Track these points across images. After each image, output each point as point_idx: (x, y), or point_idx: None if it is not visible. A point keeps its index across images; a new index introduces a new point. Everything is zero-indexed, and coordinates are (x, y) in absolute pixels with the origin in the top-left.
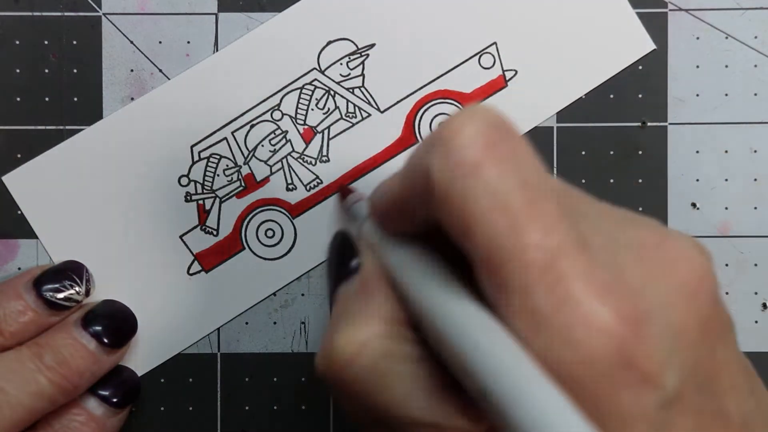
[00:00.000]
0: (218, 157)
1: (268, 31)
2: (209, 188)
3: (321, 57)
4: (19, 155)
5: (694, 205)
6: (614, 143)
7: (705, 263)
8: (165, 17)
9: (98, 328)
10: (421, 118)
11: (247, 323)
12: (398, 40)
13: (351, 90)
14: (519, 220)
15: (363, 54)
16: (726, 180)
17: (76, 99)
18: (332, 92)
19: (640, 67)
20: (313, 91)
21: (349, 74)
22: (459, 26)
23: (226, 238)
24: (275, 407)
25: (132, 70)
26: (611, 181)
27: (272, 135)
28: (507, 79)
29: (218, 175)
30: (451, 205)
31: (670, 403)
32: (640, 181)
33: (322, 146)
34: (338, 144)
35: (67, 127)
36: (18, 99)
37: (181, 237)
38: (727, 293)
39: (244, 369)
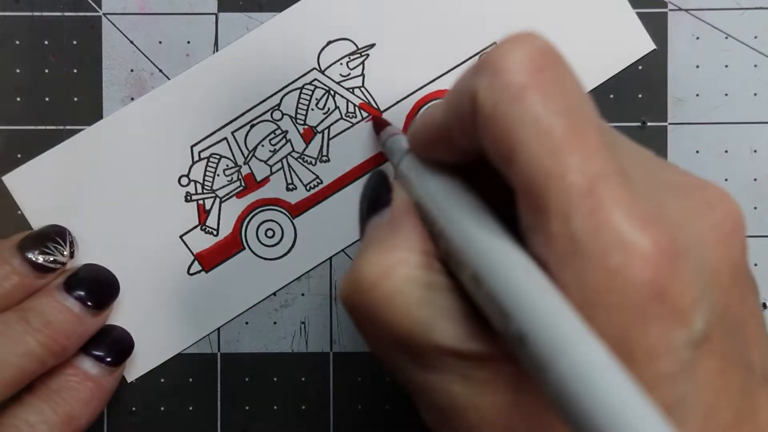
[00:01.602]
0: (218, 157)
1: (268, 31)
2: (209, 188)
3: (321, 57)
4: (19, 155)
5: None
6: None
7: (740, 212)
8: (165, 17)
9: (81, 292)
10: None
11: (247, 323)
12: (398, 40)
13: (351, 90)
14: (561, 145)
15: (363, 54)
16: (726, 180)
17: (76, 99)
18: (332, 92)
19: (640, 67)
20: (313, 91)
21: (349, 74)
22: (459, 26)
23: (226, 238)
24: (275, 407)
25: (132, 70)
26: None
27: (272, 135)
28: None
29: (218, 175)
30: (494, 128)
31: (698, 342)
32: None
33: (322, 146)
34: (338, 144)
35: (67, 127)
36: (18, 99)
37: (181, 237)
38: None
39: (244, 369)
